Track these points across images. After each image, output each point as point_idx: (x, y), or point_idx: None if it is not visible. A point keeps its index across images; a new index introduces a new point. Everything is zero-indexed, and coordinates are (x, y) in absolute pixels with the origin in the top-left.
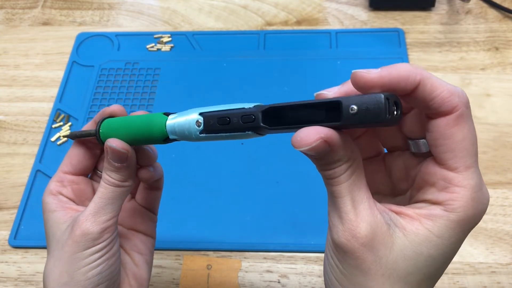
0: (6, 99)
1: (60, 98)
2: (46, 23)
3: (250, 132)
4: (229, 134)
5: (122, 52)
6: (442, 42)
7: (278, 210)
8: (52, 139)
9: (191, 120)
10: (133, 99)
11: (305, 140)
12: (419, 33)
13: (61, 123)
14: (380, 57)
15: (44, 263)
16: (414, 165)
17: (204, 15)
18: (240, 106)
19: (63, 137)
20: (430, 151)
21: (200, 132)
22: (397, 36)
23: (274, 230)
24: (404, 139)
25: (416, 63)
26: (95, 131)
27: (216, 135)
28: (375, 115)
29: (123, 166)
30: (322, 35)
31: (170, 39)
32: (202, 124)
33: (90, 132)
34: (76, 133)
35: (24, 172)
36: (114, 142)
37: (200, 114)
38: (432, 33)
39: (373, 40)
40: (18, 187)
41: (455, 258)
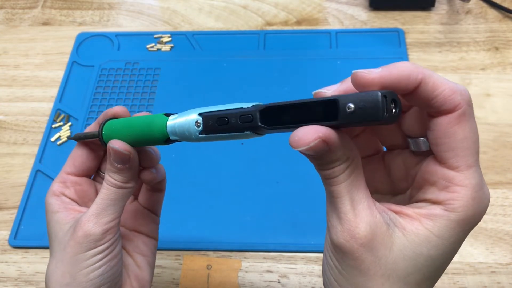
0: (6, 99)
1: (60, 98)
2: (46, 23)
3: (248, 132)
4: (228, 134)
5: (122, 52)
6: (442, 42)
7: (278, 210)
8: (52, 139)
9: (190, 121)
10: (133, 99)
11: (302, 139)
12: (419, 33)
13: (61, 123)
14: (380, 57)
15: (44, 263)
16: (414, 164)
17: (204, 15)
18: (239, 106)
19: (68, 138)
20: (431, 149)
21: (199, 133)
22: (397, 36)
23: (274, 230)
24: (403, 138)
25: (416, 63)
26: (98, 133)
27: (216, 135)
28: (373, 114)
29: (125, 167)
30: (322, 35)
31: (170, 39)
32: (201, 124)
33: (93, 134)
34: (80, 134)
35: (24, 172)
36: (117, 144)
37: (200, 115)
38: (432, 33)
39: (373, 40)
40: (18, 187)
41: (455, 258)
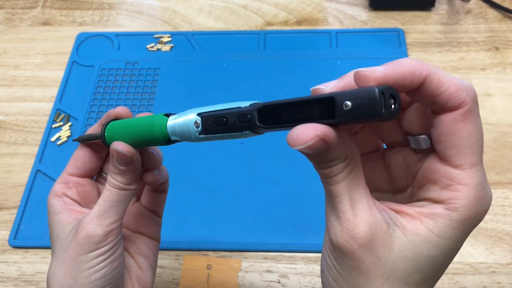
0: (6, 99)
1: (60, 98)
2: (46, 23)
3: (247, 132)
4: (227, 134)
5: (122, 52)
6: (442, 42)
7: (278, 210)
8: (52, 139)
9: (189, 121)
10: (133, 99)
11: (300, 138)
12: (419, 33)
13: (61, 123)
14: (380, 57)
15: (44, 263)
16: (415, 161)
17: (204, 15)
18: (237, 105)
19: (72, 140)
20: (434, 147)
21: (199, 133)
22: (397, 36)
23: (274, 230)
24: (403, 135)
25: (419, 59)
26: (101, 134)
27: (215, 135)
28: (371, 111)
29: (128, 169)
30: (322, 35)
31: (170, 39)
32: (200, 125)
33: (96, 135)
34: (83, 136)
35: (24, 172)
36: (120, 145)
37: (198, 115)
38: (432, 33)
39: (373, 40)
40: (18, 187)
41: (455, 258)
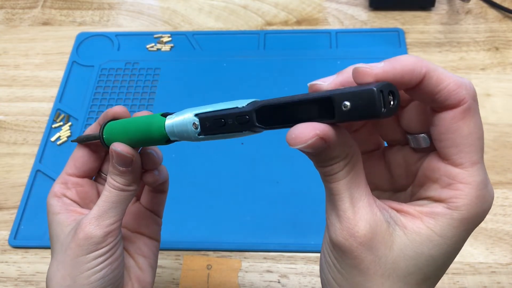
0: (6, 99)
1: (60, 98)
2: (46, 23)
3: (247, 131)
4: (226, 134)
5: (122, 52)
6: (442, 42)
7: (278, 210)
8: (52, 139)
9: (188, 123)
10: (133, 99)
11: (300, 137)
12: (419, 33)
13: (61, 123)
14: (380, 57)
15: (44, 263)
16: (415, 160)
17: (204, 15)
18: (234, 105)
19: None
20: (434, 145)
21: (198, 134)
22: (397, 36)
23: (274, 230)
24: (403, 133)
25: (418, 56)
26: (99, 135)
27: (215, 135)
28: (370, 110)
29: (127, 170)
30: (322, 35)
31: (170, 39)
32: (198, 126)
33: (94, 136)
34: (81, 137)
35: (24, 172)
36: (119, 147)
37: (196, 116)
38: (432, 33)
39: (373, 40)
40: (18, 187)
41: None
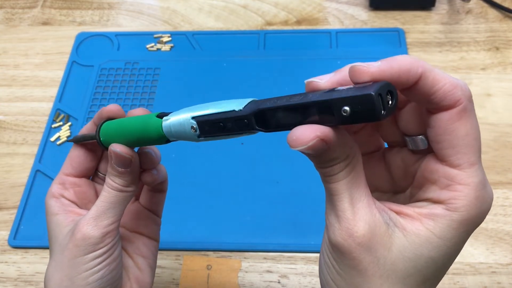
0: (6, 99)
1: (59, 98)
2: (45, 23)
3: (246, 132)
4: (226, 135)
5: (122, 52)
6: (443, 42)
7: (278, 210)
8: (52, 139)
9: (185, 125)
10: (133, 99)
11: (300, 139)
12: (419, 33)
13: (60, 123)
14: (380, 57)
15: (44, 263)
16: (413, 162)
17: (204, 15)
18: (231, 107)
19: (68, 141)
20: (431, 147)
21: (198, 136)
22: (397, 36)
23: (274, 230)
24: (401, 135)
25: (415, 57)
26: (95, 135)
27: (214, 137)
28: (370, 114)
29: (126, 171)
30: (322, 35)
31: (170, 39)
32: (197, 129)
33: (91, 136)
34: (78, 137)
35: (23, 172)
36: (118, 147)
37: (193, 118)
38: (432, 33)
39: (373, 40)
40: (17, 187)
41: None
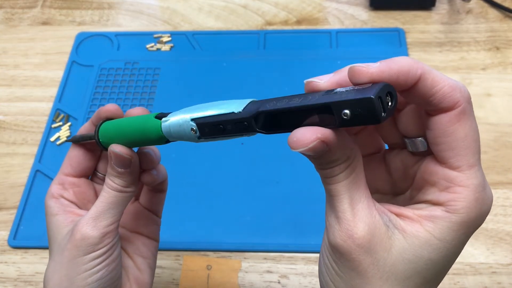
0: (6, 99)
1: (59, 98)
2: (45, 23)
3: (247, 133)
4: (226, 136)
5: (122, 52)
6: (443, 42)
7: (278, 210)
8: (52, 139)
9: (185, 126)
10: (133, 99)
11: (301, 141)
12: (419, 32)
13: (60, 123)
14: (381, 57)
15: (44, 264)
16: (413, 164)
17: (204, 15)
18: (230, 109)
19: (67, 141)
20: (431, 149)
21: (198, 138)
22: (397, 35)
23: (274, 230)
24: (401, 137)
25: (415, 58)
26: (94, 135)
27: (215, 138)
28: (371, 117)
29: (126, 171)
30: (322, 35)
31: (170, 38)
32: (197, 131)
33: (90, 136)
34: (76, 137)
35: (23, 172)
36: (118, 148)
37: (193, 120)
38: (432, 32)
39: (373, 40)
40: (17, 187)
41: None
